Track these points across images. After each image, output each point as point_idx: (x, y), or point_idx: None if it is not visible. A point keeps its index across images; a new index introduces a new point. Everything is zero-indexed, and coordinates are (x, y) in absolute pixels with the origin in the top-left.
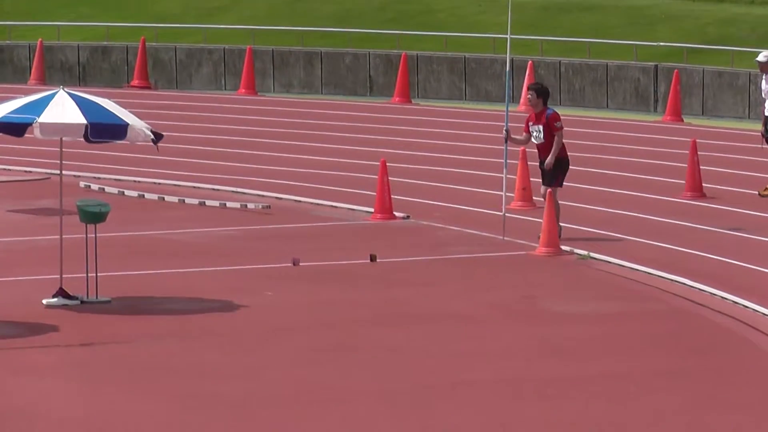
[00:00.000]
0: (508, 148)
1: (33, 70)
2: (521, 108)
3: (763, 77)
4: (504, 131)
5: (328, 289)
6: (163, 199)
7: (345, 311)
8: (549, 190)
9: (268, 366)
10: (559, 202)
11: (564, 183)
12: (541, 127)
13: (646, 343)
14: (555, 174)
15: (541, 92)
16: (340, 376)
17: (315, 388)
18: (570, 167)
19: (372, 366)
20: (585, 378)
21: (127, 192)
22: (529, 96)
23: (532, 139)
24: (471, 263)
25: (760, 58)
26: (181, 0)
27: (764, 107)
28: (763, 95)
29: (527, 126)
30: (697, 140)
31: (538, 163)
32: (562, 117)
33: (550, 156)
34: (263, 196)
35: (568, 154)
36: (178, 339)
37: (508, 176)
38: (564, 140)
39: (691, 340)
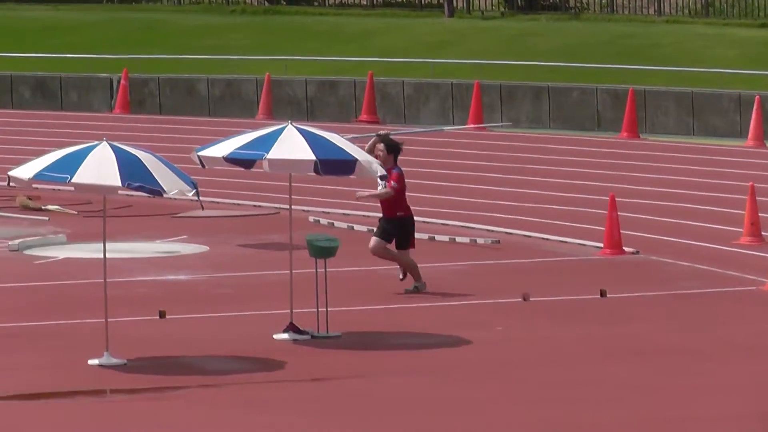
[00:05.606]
0: None
1: (261, 104)
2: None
3: None
4: None
5: (558, 324)
6: None
7: (574, 346)
8: None
9: (496, 401)
10: None
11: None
12: (385, 184)
13: None
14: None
15: (391, 149)
16: (566, 411)
17: (540, 423)
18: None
19: (602, 401)
20: None
21: (356, 227)
22: (380, 153)
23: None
24: (700, 298)
25: None
26: (405, 35)
27: None
28: None
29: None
30: None
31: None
32: None
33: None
34: (492, 230)
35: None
36: (407, 374)
37: (735, 211)
38: None
39: None
